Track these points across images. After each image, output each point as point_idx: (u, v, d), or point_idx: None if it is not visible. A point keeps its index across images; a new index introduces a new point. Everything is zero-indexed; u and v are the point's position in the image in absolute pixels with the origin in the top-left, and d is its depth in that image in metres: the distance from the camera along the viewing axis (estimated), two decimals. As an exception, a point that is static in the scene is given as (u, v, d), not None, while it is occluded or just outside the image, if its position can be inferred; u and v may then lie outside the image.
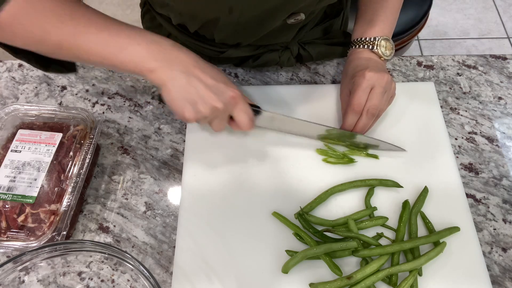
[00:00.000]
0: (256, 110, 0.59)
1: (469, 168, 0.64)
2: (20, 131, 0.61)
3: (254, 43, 0.69)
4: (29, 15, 0.47)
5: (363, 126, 0.60)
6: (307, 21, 0.70)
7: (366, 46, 0.65)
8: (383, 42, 0.65)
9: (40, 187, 0.56)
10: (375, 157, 0.63)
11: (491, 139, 0.67)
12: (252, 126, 0.56)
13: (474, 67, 0.75)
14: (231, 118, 0.56)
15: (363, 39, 0.66)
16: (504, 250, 0.58)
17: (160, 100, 0.71)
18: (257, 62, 0.71)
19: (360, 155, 0.63)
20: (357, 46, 0.66)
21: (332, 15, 0.76)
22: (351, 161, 0.62)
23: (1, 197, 0.55)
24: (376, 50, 0.64)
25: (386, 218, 0.57)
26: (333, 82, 0.73)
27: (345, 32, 0.80)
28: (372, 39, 0.65)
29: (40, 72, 0.74)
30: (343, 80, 0.67)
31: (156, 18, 0.74)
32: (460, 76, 0.74)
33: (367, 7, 0.68)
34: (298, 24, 0.64)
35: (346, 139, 0.63)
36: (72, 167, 0.58)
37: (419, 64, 0.75)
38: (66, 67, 0.57)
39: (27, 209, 0.55)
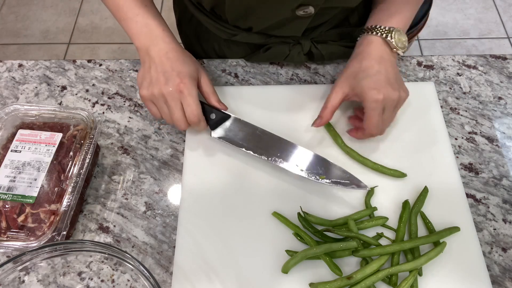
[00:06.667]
0: (223, 115, 0.62)
1: (469, 168, 0.64)
2: (20, 131, 0.61)
3: (265, 31, 0.69)
4: None
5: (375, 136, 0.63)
6: (323, 20, 0.69)
7: (379, 34, 0.61)
8: (397, 34, 0.61)
9: (40, 187, 0.56)
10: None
11: (491, 139, 0.67)
12: (196, 120, 0.59)
13: (474, 67, 0.75)
14: None
15: (377, 26, 0.62)
16: (504, 250, 0.58)
17: None
18: (267, 53, 0.72)
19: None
20: (370, 32, 0.62)
21: (355, 24, 0.74)
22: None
23: (1, 197, 0.55)
24: (390, 40, 0.60)
25: (386, 218, 0.57)
26: (333, 82, 0.73)
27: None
28: (386, 28, 0.61)
29: (40, 72, 0.74)
30: (347, 68, 0.63)
31: None
32: (460, 76, 0.74)
33: (388, 2, 0.65)
34: (308, 17, 0.63)
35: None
36: (72, 167, 0.58)
37: (419, 64, 0.75)
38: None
39: (27, 209, 0.55)
